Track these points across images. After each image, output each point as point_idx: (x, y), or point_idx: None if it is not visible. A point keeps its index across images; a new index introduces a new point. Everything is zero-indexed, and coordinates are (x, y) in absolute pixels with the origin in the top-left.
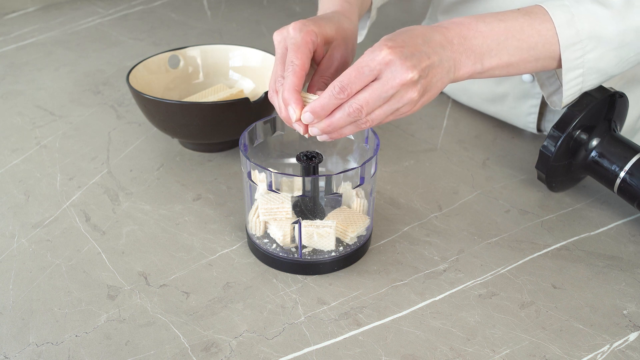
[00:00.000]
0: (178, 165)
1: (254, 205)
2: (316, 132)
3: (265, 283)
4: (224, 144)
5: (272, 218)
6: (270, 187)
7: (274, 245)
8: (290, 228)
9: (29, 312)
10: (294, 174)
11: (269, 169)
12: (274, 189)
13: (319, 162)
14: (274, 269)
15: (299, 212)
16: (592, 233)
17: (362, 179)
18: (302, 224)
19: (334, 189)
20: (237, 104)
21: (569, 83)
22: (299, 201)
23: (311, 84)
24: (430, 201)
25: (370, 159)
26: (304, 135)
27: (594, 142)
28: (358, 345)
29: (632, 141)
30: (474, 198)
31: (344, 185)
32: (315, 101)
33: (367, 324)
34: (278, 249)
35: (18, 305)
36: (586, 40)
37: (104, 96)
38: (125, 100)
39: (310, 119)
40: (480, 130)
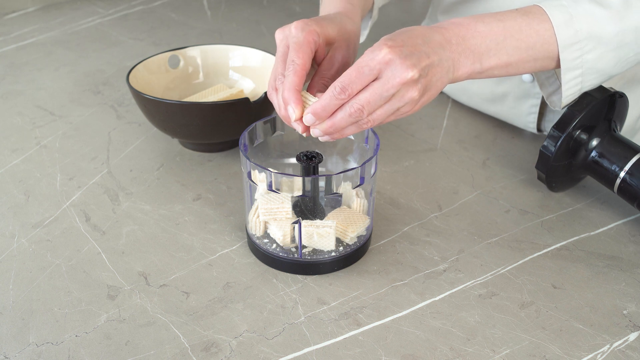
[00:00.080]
0: (178, 165)
1: (254, 205)
2: (318, 134)
3: (265, 283)
4: (224, 144)
5: (272, 218)
6: (270, 187)
7: (274, 245)
8: (290, 228)
9: (29, 312)
10: (294, 174)
11: (269, 169)
12: (274, 189)
13: (319, 162)
14: (274, 269)
15: (299, 212)
16: (592, 233)
17: (362, 179)
18: (302, 224)
19: (334, 189)
20: (237, 104)
21: (568, 83)
22: (299, 201)
23: (311, 84)
24: (430, 201)
25: (370, 159)
26: (302, 134)
27: (594, 142)
28: (358, 345)
29: (632, 141)
30: (474, 198)
31: (344, 185)
32: (317, 102)
33: (367, 324)
34: (278, 249)
35: (18, 305)
36: (585, 40)
37: (104, 96)
38: (125, 100)
39: (312, 120)
40: (480, 130)
